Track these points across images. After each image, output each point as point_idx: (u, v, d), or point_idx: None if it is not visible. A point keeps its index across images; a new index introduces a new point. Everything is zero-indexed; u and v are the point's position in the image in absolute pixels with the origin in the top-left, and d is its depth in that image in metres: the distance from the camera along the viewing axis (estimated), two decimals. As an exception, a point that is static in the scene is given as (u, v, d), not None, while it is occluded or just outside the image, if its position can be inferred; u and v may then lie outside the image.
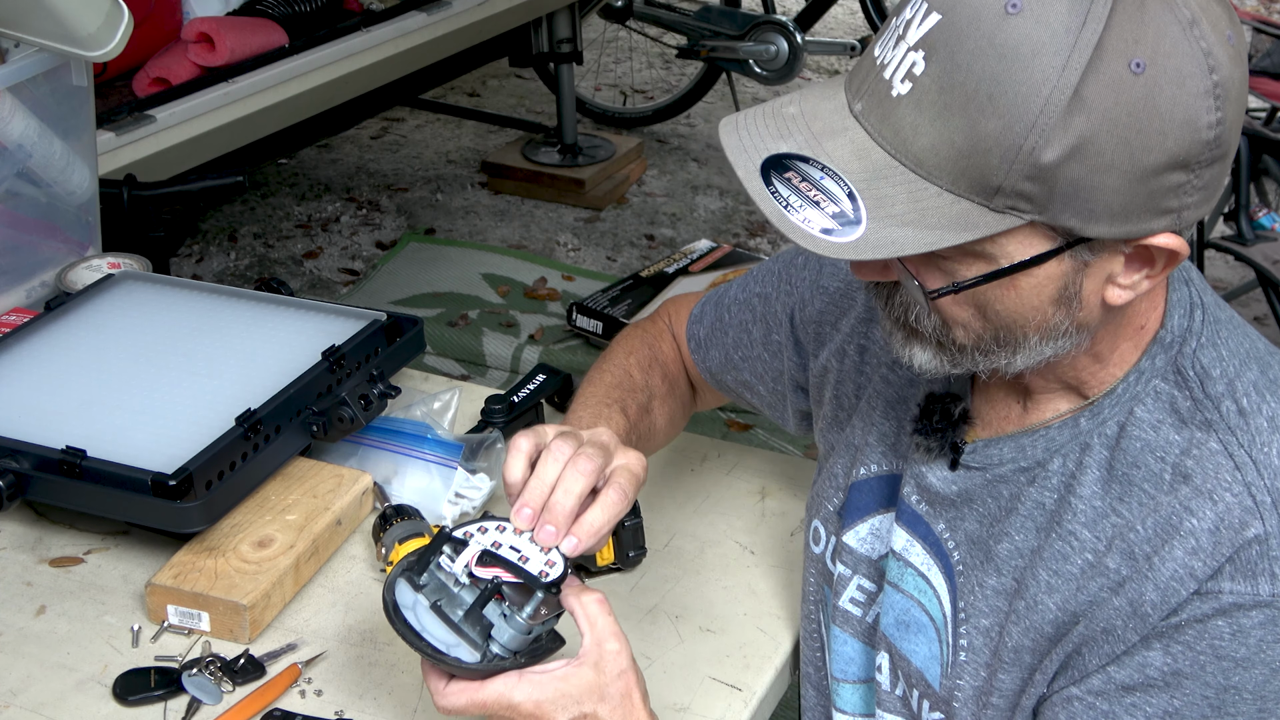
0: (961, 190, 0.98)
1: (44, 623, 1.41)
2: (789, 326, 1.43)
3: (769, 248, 4.45)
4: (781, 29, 4.70)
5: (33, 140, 1.86)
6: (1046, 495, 1.15)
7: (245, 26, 3.16)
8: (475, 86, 5.65)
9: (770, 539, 1.58)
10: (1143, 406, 1.12)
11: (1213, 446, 1.08)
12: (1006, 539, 1.17)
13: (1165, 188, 0.98)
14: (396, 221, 4.60)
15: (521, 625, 1.14)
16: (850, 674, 1.34)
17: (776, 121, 1.04)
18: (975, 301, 1.05)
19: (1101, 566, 1.11)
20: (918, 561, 1.24)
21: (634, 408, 1.41)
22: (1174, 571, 1.07)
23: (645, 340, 1.54)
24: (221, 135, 2.98)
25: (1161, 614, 1.07)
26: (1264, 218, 3.52)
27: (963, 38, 0.96)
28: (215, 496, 1.42)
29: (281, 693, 1.32)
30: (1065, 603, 1.13)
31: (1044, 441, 1.15)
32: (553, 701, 1.14)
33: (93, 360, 1.63)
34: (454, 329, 3.60)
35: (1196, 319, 1.13)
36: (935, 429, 1.21)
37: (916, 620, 1.24)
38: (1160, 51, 0.95)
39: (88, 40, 1.76)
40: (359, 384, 1.58)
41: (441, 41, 3.61)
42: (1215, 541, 1.06)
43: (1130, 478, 1.11)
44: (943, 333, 1.09)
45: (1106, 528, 1.11)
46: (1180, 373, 1.11)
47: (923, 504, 1.23)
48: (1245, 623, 1.05)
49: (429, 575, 1.16)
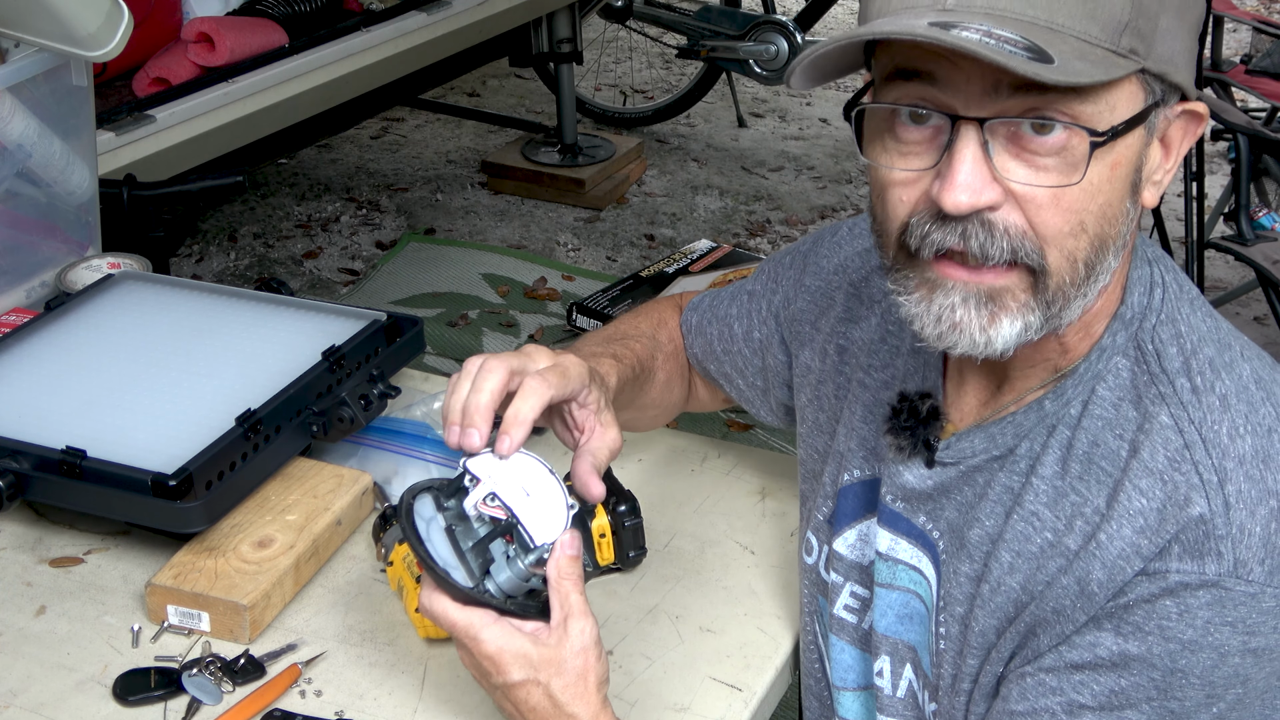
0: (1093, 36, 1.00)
1: (44, 623, 1.41)
2: (774, 324, 1.44)
3: (769, 247, 4.45)
4: (781, 29, 4.70)
5: (33, 140, 1.86)
6: (1015, 479, 1.15)
7: (245, 26, 3.16)
8: (475, 86, 5.65)
9: (770, 539, 1.58)
10: (1104, 384, 1.12)
11: (1164, 420, 1.08)
12: (977, 525, 1.17)
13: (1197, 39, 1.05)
14: (396, 221, 4.60)
15: (521, 571, 1.17)
16: (849, 681, 1.35)
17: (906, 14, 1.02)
18: (1077, 206, 1.02)
19: (1061, 546, 1.11)
20: (906, 556, 1.24)
21: (628, 355, 1.41)
22: (1120, 550, 1.07)
23: (657, 306, 1.58)
24: (221, 135, 2.98)
25: (1108, 593, 1.07)
26: (1264, 218, 3.52)
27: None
28: (215, 497, 1.42)
29: (281, 693, 1.32)
30: (1026, 582, 1.13)
31: (1012, 428, 1.15)
32: (514, 655, 1.15)
33: (93, 360, 1.63)
34: (454, 329, 3.60)
35: (1156, 296, 1.13)
36: (905, 427, 1.20)
37: (916, 612, 1.25)
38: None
39: (88, 40, 1.76)
40: (359, 384, 1.58)
41: (441, 41, 3.61)
42: (1161, 520, 1.06)
43: (1090, 456, 1.11)
44: (1041, 261, 1.04)
45: (1066, 506, 1.11)
46: (1140, 348, 1.12)
47: (899, 502, 1.24)
48: (1192, 603, 1.05)
49: (455, 501, 1.19)
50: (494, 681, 1.16)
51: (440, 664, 1.37)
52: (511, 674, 1.15)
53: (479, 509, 1.18)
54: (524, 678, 1.15)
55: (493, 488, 1.18)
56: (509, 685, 1.15)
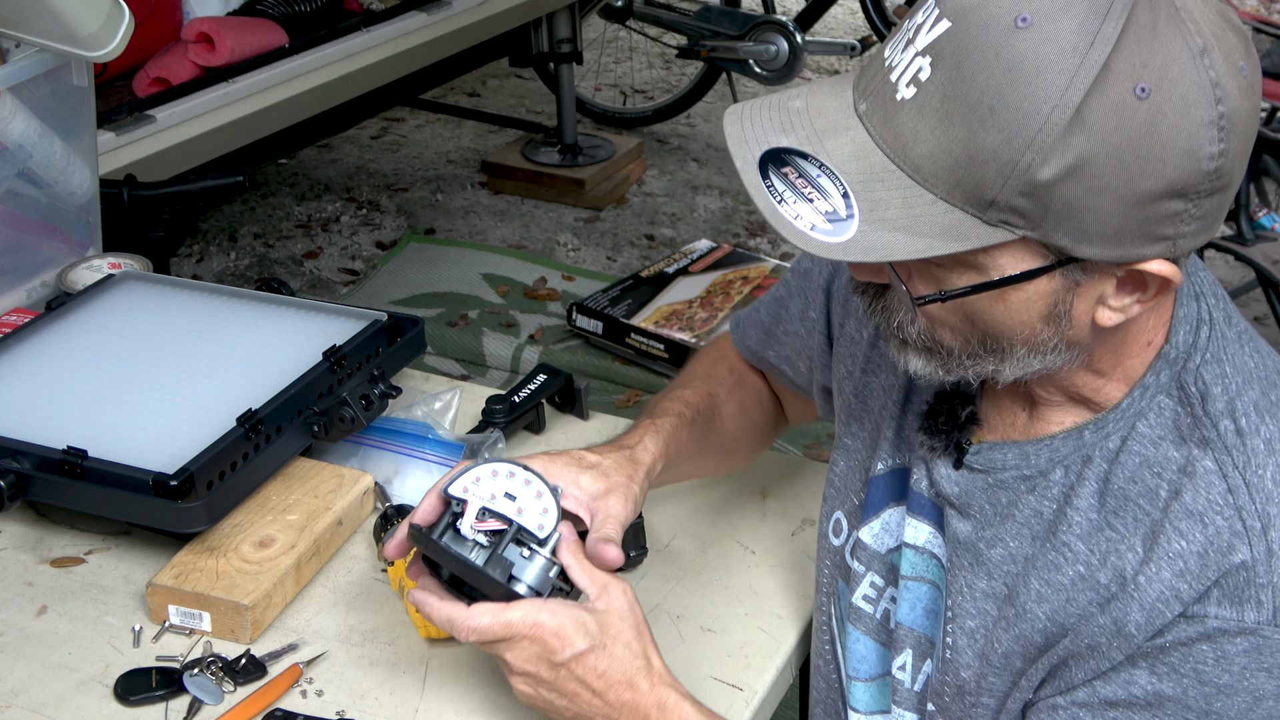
0: (956, 200, 0.97)
1: (45, 623, 1.41)
2: (824, 299, 1.42)
3: (769, 247, 4.45)
4: (781, 29, 4.70)
5: (33, 140, 1.86)
6: (1045, 505, 1.15)
7: (245, 26, 3.16)
8: (475, 86, 5.65)
9: (771, 539, 1.58)
10: (1145, 422, 1.11)
11: (1207, 465, 1.08)
12: (1000, 544, 1.17)
13: (1161, 215, 0.97)
14: (396, 221, 4.60)
15: (545, 564, 1.20)
16: (863, 672, 1.34)
17: (781, 115, 1.04)
18: (963, 309, 1.05)
19: (1093, 580, 1.10)
20: (940, 552, 1.24)
21: (672, 408, 1.43)
22: (1160, 593, 1.06)
23: (709, 345, 1.58)
24: (221, 135, 2.98)
25: (1146, 635, 1.07)
26: (1264, 218, 3.52)
27: (970, 48, 0.95)
28: (216, 496, 1.42)
29: (283, 693, 1.32)
30: (1054, 613, 1.12)
31: (1048, 451, 1.15)
32: (576, 625, 1.17)
33: (93, 360, 1.63)
34: (454, 329, 3.59)
35: (1202, 335, 1.12)
36: (941, 429, 1.21)
37: (940, 610, 1.24)
38: (1167, 78, 0.94)
39: (88, 40, 1.76)
40: (360, 384, 1.58)
41: (441, 41, 3.61)
42: (1203, 565, 1.06)
43: (1126, 493, 1.10)
44: (929, 337, 1.09)
45: (1101, 541, 1.11)
46: (1183, 389, 1.11)
47: (933, 493, 1.23)
48: (1230, 649, 1.05)
49: (451, 533, 1.22)
50: (559, 659, 1.17)
51: (441, 664, 1.37)
52: (578, 643, 1.17)
53: (475, 529, 1.21)
54: (590, 644, 1.17)
55: (481, 504, 1.21)
56: (578, 656, 1.17)
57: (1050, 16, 0.94)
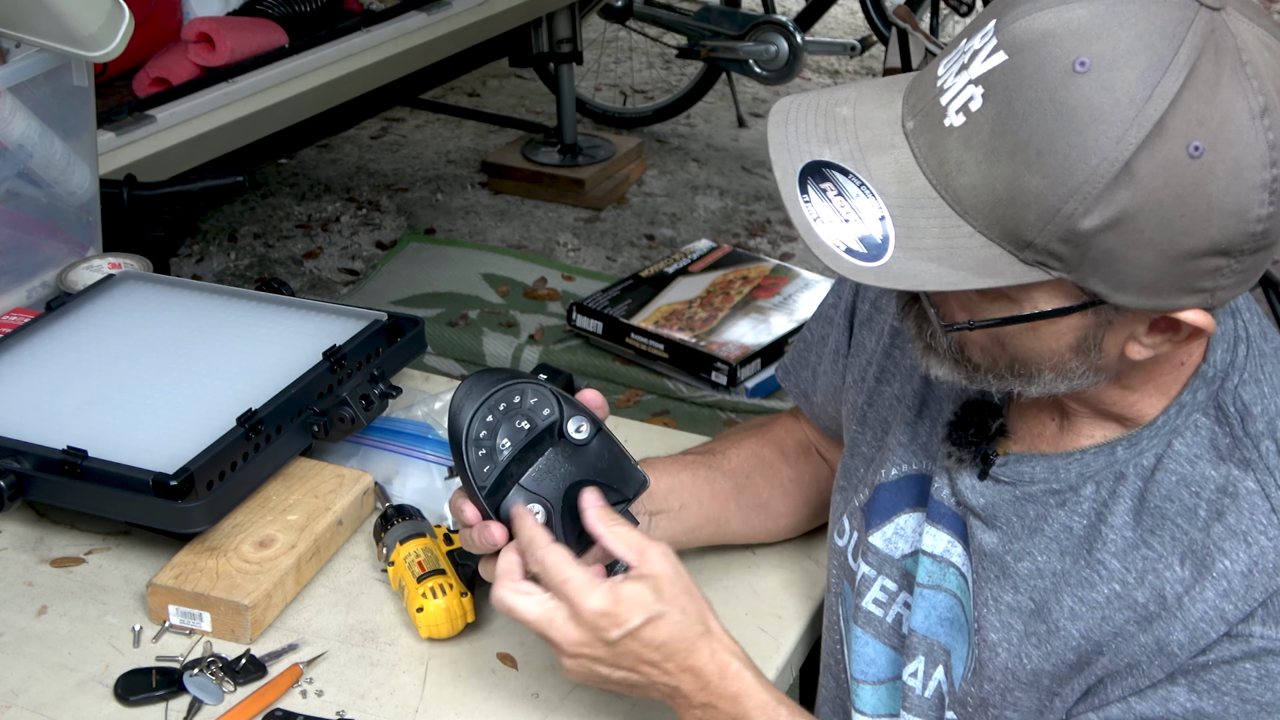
0: (994, 236, 0.96)
1: (45, 623, 1.41)
2: (845, 322, 1.40)
3: (769, 248, 4.45)
4: (781, 29, 4.70)
5: (33, 140, 1.86)
6: (1076, 520, 1.13)
7: (245, 26, 3.15)
8: (475, 86, 5.65)
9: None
10: (1181, 440, 1.10)
11: (1249, 486, 1.07)
12: (1028, 558, 1.15)
13: (1201, 270, 0.96)
14: (396, 221, 4.60)
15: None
16: (870, 675, 1.33)
17: (827, 122, 1.02)
18: (994, 334, 1.05)
19: (1129, 599, 1.10)
20: (959, 561, 1.22)
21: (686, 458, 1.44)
22: (1204, 613, 1.06)
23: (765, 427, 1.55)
24: (221, 135, 2.98)
25: (1189, 654, 1.06)
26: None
27: (1024, 86, 0.93)
28: (216, 496, 1.42)
29: (283, 693, 1.32)
30: (1089, 631, 1.11)
31: (1078, 466, 1.14)
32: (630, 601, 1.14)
33: (93, 360, 1.63)
34: (454, 329, 3.59)
35: (1240, 354, 1.11)
36: (970, 441, 1.19)
37: (959, 618, 1.23)
38: (1223, 138, 0.92)
39: (88, 40, 1.76)
40: (360, 384, 1.58)
41: (441, 41, 3.61)
42: (1248, 585, 1.05)
43: (1163, 511, 1.09)
44: (958, 351, 1.09)
45: (1137, 560, 1.10)
46: (1221, 408, 1.10)
47: (955, 502, 1.22)
48: (1274, 668, 1.04)
49: None
50: (611, 636, 1.14)
51: (441, 664, 1.37)
52: (633, 618, 1.14)
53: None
54: (646, 617, 1.14)
55: None
56: (633, 631, 1.14)
57: (1110, 64, 0.92)
